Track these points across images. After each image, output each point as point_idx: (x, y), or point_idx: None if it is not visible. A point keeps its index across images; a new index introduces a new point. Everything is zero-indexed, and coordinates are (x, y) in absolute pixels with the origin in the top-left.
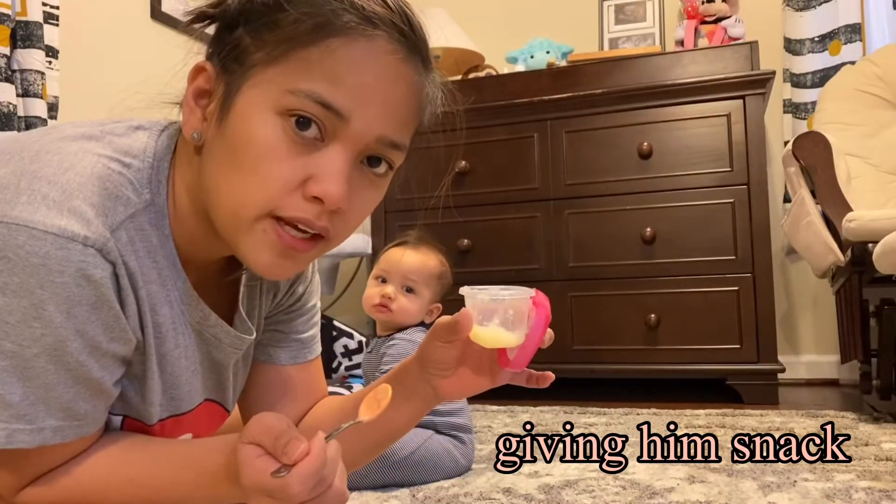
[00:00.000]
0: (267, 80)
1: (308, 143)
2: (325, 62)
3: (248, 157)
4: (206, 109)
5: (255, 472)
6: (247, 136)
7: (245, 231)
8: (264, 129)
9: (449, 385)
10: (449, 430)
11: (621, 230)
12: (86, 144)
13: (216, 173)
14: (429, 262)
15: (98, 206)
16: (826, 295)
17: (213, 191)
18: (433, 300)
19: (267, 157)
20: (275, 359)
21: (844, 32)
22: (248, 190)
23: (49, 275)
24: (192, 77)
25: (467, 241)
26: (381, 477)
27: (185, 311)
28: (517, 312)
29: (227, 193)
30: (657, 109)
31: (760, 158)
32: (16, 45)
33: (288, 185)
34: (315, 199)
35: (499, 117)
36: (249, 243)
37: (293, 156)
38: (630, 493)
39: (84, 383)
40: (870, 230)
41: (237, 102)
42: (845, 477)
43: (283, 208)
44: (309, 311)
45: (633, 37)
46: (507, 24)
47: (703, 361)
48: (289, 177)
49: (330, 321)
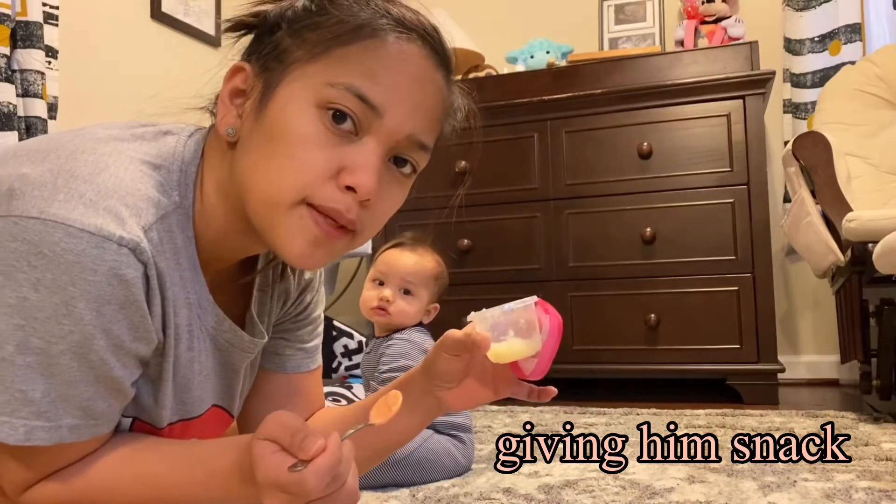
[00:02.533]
0: (307, 75)
1: (343, 136)
2: (364, 59)
3: (285, 145)
4: (241, 108)
5: (271, 467)
6: (285, 126)
7: (281, 217)
8: (302, 119)
9: (453, 397)
10: (449, 430)
11: (621, 230)
12: (119, 146)
13: (252, 163)
14: (426, 263)
15: (132, 206)
16: (826, 295)
17: (249, 180)
18: (431, 301)
19: (304, 145)
20: (279, 366)
21: (844, 32)
22: (284, 176)
23: (83, 272)
24: (230, 77)
25: (467, 241)
26: (380, 476)
27: (202, 314)
28: (528, 321)
29: (264, 181)
30: (657, 109)
31: (760, 158)
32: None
33: (323, 173)
34: (348, 190)
35: (499, 117)
36: (285, 229)
37: (329, 146)
38: (630, 493)
39: (104, 382)
40: (870, 230)
41: (277, 95)
42: (845, 477)
43: (318, 196)
44: (314, 322)
45: (633, 37)
46: (507, 24)
47: (703, 361)
48: (324, 165)
49: (330, 321)
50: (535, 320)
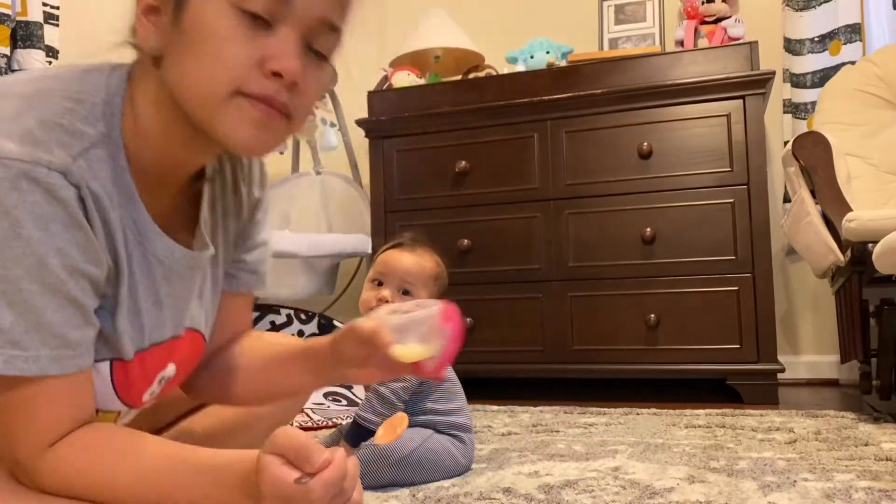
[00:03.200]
0: None
1: (259, 28)
2: None
3: (209, 44)
4: (159, 23)
5: (277, 479)
6: (204, 29)
7: (221, 110)
8: (219, 19)
9: (354, 374)
10: (449, 430)
11: (621, 230)
12: (40, 85)
13: (182, 71)
14: (425, 263)
15: (57, 139)
16: (826, 295)
17: (183, 87)
18: None
19: (226, 42)
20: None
21: (844, 32)
22: (214, 72)
23: (22, 195)
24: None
25: (467, 241)
26: (380, 476)
27: (144, 241)
28: (430, 328)
29: (197, 82)
30: (657, 109)
31: (760, 158)
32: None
33: (247, 64)
34: (274, 75)
35: (499, 117)
36: (228, 121)
37: (248, 39)
38: (630, 493)
39: (69, 306)
40: (870, 230)
41: (190, 4)
42: (845, 477)
43: (248, 85)
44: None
45: (633, 37)
46: (507, 24)
47: (702, 361)
48: (248, 56)
49: (330, 321)
50: (437, 327)
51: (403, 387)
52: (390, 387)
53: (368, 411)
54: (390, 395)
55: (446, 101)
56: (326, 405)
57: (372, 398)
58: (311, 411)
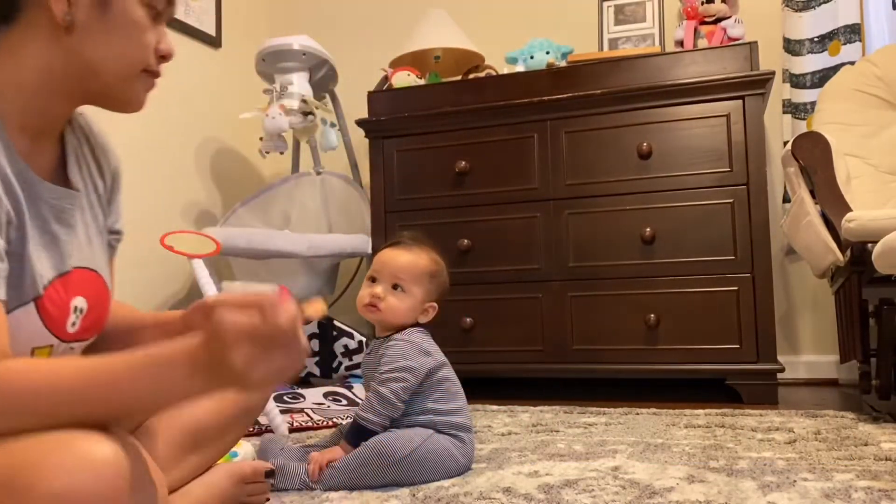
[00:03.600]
0: None
1: (155, 22)
2: None
3: (132, 31)
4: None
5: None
6: (128, 17)
7: (132, 82)
8: (138, 13)
9: None
10: (449, 430)
11: (621, 230)
12: None
13: (105, 47)
14: (419, 260)
15: None
16: (825, 295)
17: (101, 60)
18: (426, 299)
19: (142, 32)
20: None
21: (844, 33)
22: (135, 53)
23: None
24: None
25: (467, 241)
26: (381, 476)
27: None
28: None
29: (119, 59)
30: (657, 110)
31: (760, 159)
32: None
33: (151, 49)
34: (162, 58)
35: (499, 117)
36: (134, 91)
37: (151, 30)
38: (630, 493)
39: None
40: (869, 230)
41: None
42: (845, 476)
43: (151, 65)
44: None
45: (632, 37)
46: (507, 25)
47: (702, 361)
48: (152, 44)
49: (330, 321)
50: None
51: (403, 387)
52: (390, 387)
53: (368, 411)
54: (390, 395)
55: (446, 101)
56: (326, 405)
57: (372, 398)
58: (312, 411)
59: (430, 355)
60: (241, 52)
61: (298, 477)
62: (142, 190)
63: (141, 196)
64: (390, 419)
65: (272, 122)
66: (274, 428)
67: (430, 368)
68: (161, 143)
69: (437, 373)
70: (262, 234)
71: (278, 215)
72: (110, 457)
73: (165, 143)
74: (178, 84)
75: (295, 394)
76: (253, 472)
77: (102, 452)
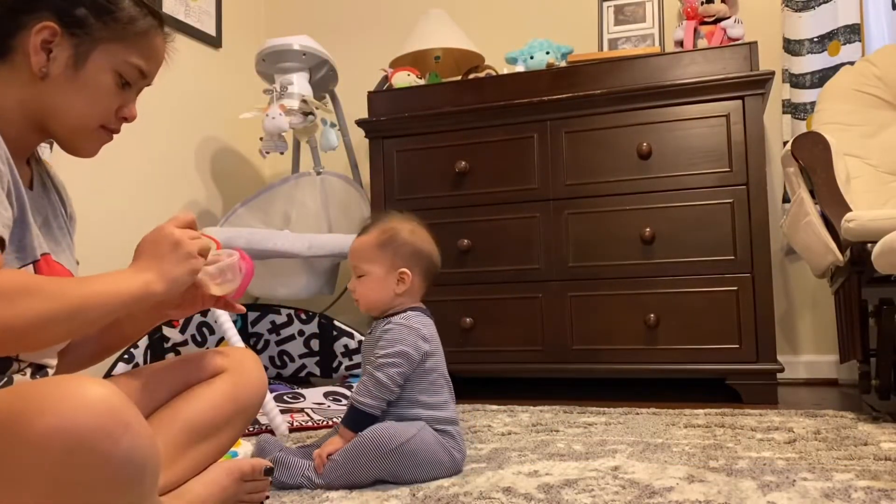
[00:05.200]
0: (112, 51)
1: (124, 89)
2: (143, 47)
3: (95, 93)
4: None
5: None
6: (96, 82)
7: (87, 136)
8: (107, 78)
9: (174, 313)
10: (434, 424)
11: (621, 230)
12: None
13: (68, 100)
14: (364, 239)
15: None
16: (825, 295)
17: (65, 111)
18: (389, 269)
19: (107, 95)
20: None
21: (843, 33)
22: (93, 112)
23: None
24: (39, 30)
25: (467, 241)
26: (377, 465)
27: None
28: (232, 269)
29: (78, 114)
30: (657, 110)
31: (760, 159)
32: None
33: (113, 112)
34: (123, 119)
35: (499, 117)
36: (88, 143)
37: (117, 95)
38: (629, 493)
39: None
40: (869, 230)
41: (91, 60)
42: (844, 476)
43: (109, 124)
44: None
45: (632, 37)
46: (507, 25)
47: (702, 361)
48: (114, 106)
49: (330, 321)
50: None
51: (399, 372)
52: (387, 372)
53: (365, 395)
54: (386, 381)
55: (446, 101)
56: (327, 405)
57: (368, 382)
58: (312, 411)
59: (428, 341)
60: (241, 52)
61: (300, 470)
62: (142, 190)
63: (141, 196)
64: (386, 402)
65: (272, 122)
66: (274, 428)
67: (424, 353)
68: (161, 143)
69: (427, 361)
70: (262, 234)
71: (278, 215)
72: (104, 396)
73: (166, 143)
74: (178, 84)
75: (295, 394)
76: (252, 470)
77: (97, 392)
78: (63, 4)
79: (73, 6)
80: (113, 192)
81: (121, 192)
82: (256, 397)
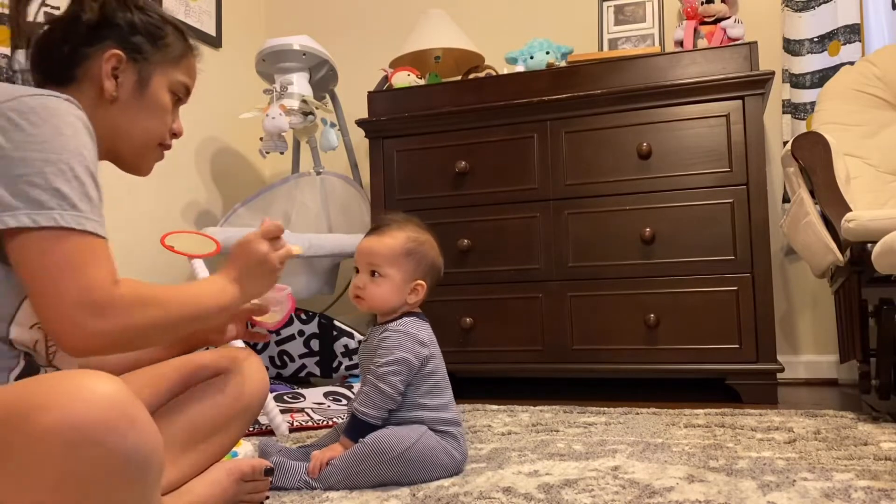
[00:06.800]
0: (168, 73)
1: (174, 105)
2: (189, 69)
3: (157, 113)
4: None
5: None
6: (158, 102)
7: (146, 153)
8: (166, 98)
9: (216, 339)
10: (438, 426)
11: (621, 230)
12: None
13: (133, 119)
14: (390, 241)
15: None
16: (825, 295)
17: (129, 130)
18: (408, 278)
19: (166, 113)
20: None
21: (843, 33)
22: (157, 129)
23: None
24: (109, 58)
25: (467, 241)
26: (378, 472)
27: None
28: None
29: (145, 132)
30: (657, 110)
31: (759, 159)
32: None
33: (169, 127)
34: (174, 135)
35: (499, 117)
36: (147, 160)
37: (171, 113)
38: (629, 493)
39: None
40: (869, 230)
41: (153, 82)
42: (844, 476)
43: (165, 140)
44: None
45: (632, 37)
46: (507, 25)
47: (702, 361)
48: (171, 123)
49: (330, 321)
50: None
51: (401, 380)
52: (389, 381)
53: (368, 406)
54: (389, 390)
55: (446, 101)
56: (327, 405)
57: (370, 393)
58: (312, 411)
59: (426, 346)
60: (241, 52)
61: (298, 475)
62: (142, 190)
63: (141, 196)
64: (389, 412)
65: (272, 122)
66: (274, 428)
67: (424, 358)
68: None
69: (427, 365)
70: None
71: (278, 215)
72: (112, 391)
73: None
74: None
75: (295, 393)
76: (252, 470)
77: (104, 387)
78: (123, 34)
79: (131, 35)
80: (113, 192)
81: (121, 192)
82: (258, 398)
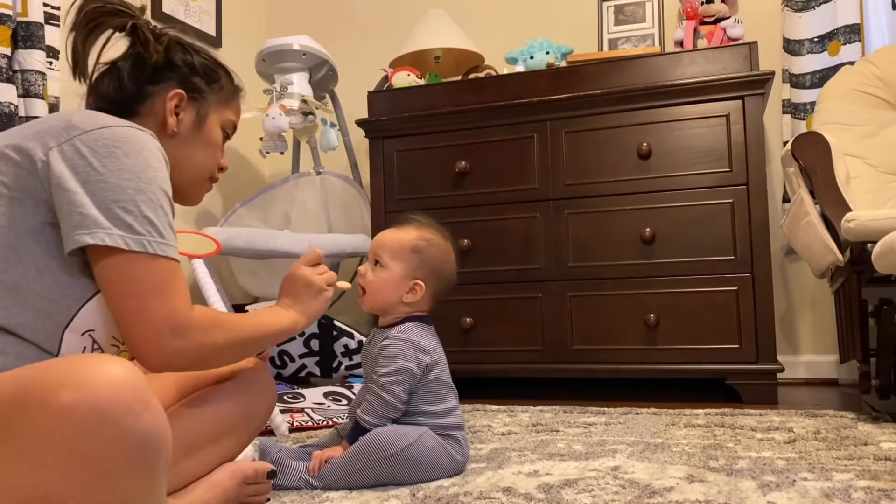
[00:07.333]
0: (220, 111)
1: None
2: (236, 108)
3: (212, 147)
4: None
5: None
6: (212, 138)
7: (198, 185)
8: (218, 135)
9: None
10: (441, 431)
11: (621, 230)
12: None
13: (190, 153)
14: (400, 235)
15: None
16: (825, 295)
17: (185, 162)
18: (409, 275)
19: (218, 149)
20: None
21: (843, 33)
22: (210, 163)
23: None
24: (172, 97)
25: (467, 241)
26: (376, 470)
27: None
28: None
29: (199, 165)
30: (657, 110)
31: (759, 159)
32: (17, 46)
33: (218, 161)
34: (221, 169)
35: (499, 117)
36: (196, 192)
37: (221, 149)
38: (629, 493)
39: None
40: (869, 230)
41: (209, 120)
42: (844, 476)
43: (214, 174)
44: None
45: (632, 37)
46: (507, 25)
47: (702, 361)
48: (220, 157)
49: (330, 321)
50: None
51: (404, 389)
52: (393, 391)
53: (372, 415)
54: (393, 400)
55: (446, 101)
56: (327, 405)
57: (374, 402)
58: (312, 411)
59: (428, 353)
60: (241, 52)
61: (298, 474)
62: None
63: None
64: (392, 420)
65: (272, 122)
66: (274, 428)
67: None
68: None
69: (430, 372)
70: (262, 233)
71: (278, 215)
72: (127, 373)
73: None
74: None
75: (295, 393)
76: (255, 473)
77: (120, 369)
78: (184, 75)
79: (191, 76)
80: None
81: None
82: (264, 405)
